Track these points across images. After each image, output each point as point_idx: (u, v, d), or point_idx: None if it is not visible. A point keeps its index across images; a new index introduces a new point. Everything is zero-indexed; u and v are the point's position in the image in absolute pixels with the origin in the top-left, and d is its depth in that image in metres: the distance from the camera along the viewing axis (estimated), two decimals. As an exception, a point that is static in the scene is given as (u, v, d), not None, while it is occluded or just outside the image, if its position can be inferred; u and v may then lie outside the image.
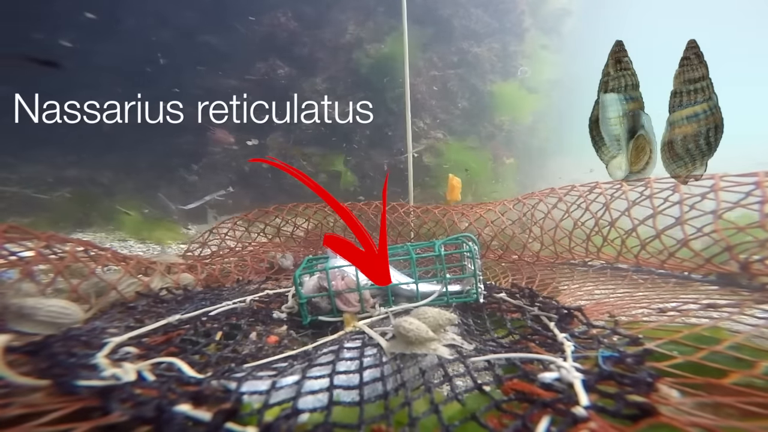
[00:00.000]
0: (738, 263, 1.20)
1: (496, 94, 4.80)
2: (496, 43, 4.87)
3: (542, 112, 5.69)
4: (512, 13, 5.11)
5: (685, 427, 0.46)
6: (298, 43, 4.48)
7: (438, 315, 0.79)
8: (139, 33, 4.53)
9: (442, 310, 0.83)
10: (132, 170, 4.41)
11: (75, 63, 3.81)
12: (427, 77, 4.43)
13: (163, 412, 0.49)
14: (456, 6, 4.70)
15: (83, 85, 3.36)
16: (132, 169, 4.41)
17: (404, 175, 3.05)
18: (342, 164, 4.17)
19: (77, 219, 3.63)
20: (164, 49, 4.42)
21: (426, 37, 4.43)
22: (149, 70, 4.31)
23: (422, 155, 4.20)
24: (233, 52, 4.59)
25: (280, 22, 4.43)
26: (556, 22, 6.34)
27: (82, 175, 4.22)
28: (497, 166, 4.83)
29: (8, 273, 1.07)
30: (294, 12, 4.50)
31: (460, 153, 4.35)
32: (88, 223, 3.63)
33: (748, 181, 1.22)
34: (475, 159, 4.38)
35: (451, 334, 0.79)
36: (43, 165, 4.14)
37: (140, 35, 4.52)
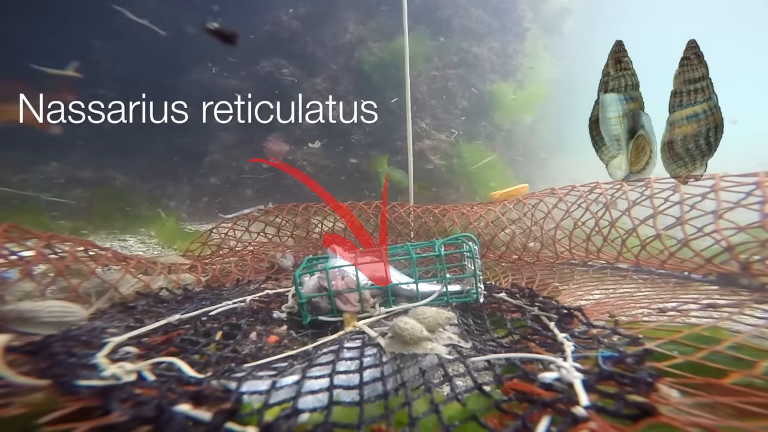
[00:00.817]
0: (738, 263, 1.20)
1: (496, 94, 4.79)
2: (496, 43, 4.86)
3: (542, 112, 5.69)
4: (512, 12, 5.11)
5: (685, 427, 0.46)
6: (300, 42, 4.48)
7: (436, 314, 0.80)
8: (138, 33, 4.53)
9: (440, 309, 0.83)
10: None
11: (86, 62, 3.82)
12: (427, 77, 4.43)
13: (163, 412, 0.49)
14: (456, 6, 4.70)
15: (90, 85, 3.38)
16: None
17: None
18: (386, 164, 4.11)
19: (115, 221, 3.56)
20: (163, 48, 4.42)
21: (426, 37, 4.42)
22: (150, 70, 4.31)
23: (427, 153, 4.18)
24: (235, 52, 4.59)
25: (281, 21, 4.43)
26: (557, 21, 6.34)
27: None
28: (497, 166, 4.82)
29: (9, 272, 1.07)
30: (295, 11, 4.50)
31: (469, 153, 4.35)
32: (123, 228, 3.57)
33: (748, 181, 1.22)
34: (481, 158, 4.37)
35: (448, 333, 0.79)
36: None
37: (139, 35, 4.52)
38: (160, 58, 4.44)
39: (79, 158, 4.32)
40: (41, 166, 4.14)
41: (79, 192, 3.93)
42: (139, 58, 4.52)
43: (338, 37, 4.43)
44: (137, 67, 4.38)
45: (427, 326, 0.76)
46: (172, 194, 4.36)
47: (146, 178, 4.48)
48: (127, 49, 4.58)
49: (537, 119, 5.69)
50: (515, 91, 4.94)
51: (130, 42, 4.49)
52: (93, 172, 4.26)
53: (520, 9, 5.16)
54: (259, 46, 4.49)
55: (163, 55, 4.45)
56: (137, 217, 3.64)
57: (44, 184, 3.90)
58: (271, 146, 4.05)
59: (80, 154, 4.34)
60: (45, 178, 4.02)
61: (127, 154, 4.45)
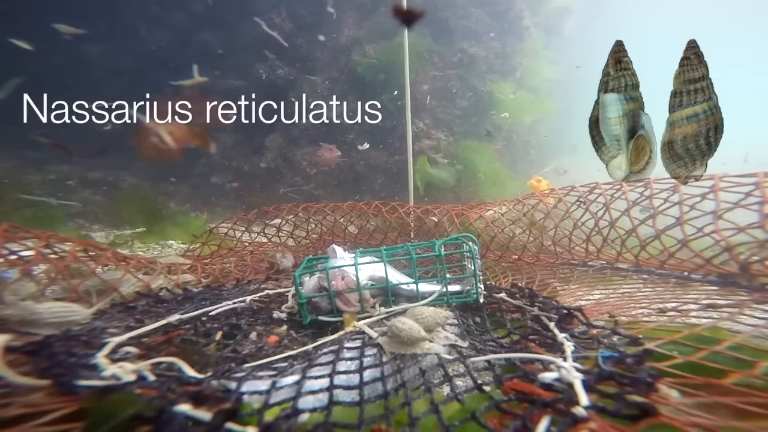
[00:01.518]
0: (738, 264, 1.20)
1: (496, 93, 4.79)
2: (495, 43, 4.86)
3: (542, 112, 5.69)
4: (512, 12, 5.11)
5: (685, 427, 0.46)
6: (297, 43, 4.48)
7: (434, 314, 0.80)
8: (137, 33, 4.54)
9: (438, 308, 0.83)
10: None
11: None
12: (427, 77, 4.43)
13: (163, 412, 0.49)
14: (456, 6, 4.70)
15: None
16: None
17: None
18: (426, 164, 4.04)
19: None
20: (161, 48, 4.42)
21: (426, 37, 4.42)
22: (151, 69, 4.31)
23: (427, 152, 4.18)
24: (232, 53, 4.59)
25: (275, 23, 4.42)
26: (556, 21, 6.34)
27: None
28: (498, 165, 4.82)
29: (8, 272, 1.07)
30: (291, 12, 4.50)
31: (469, 152, 4.34)
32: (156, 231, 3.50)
33: (747, 181, 1.22)
34: (481, 159, 4.37)
35: (445, 333, 0.80)
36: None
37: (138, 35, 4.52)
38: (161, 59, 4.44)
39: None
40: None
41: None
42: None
43: (338, 37, 4.43)
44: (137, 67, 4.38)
45: (425, 326, 0.76)
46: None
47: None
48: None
49: (537, 119, 5.69)
50: (515, 90, 4.94)
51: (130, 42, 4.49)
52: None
53: (519, 9, 5.17)
54: (256, 46, 4.49)
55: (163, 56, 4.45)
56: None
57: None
58: (324, 154, 4.03)
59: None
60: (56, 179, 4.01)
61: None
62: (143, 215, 3.34)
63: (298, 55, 4.46)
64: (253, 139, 4.34)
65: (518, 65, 5.08)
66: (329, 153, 3.99)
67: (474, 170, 4.32)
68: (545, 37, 5.92)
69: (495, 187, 4.40)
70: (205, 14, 4.67)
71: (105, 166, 4.34)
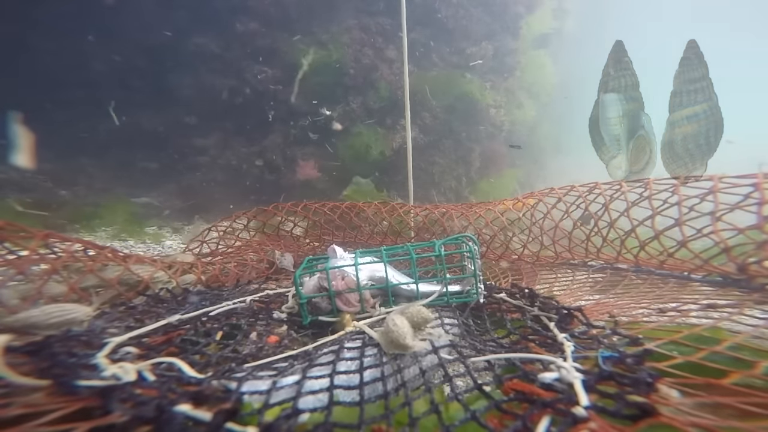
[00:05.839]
0: (735, 264, 1.20)
1: (495, 93, 4.80)
2: (495, 43, 4.87)
3: (542, 112, 5.69)
4: (511, 12, 5.11)
5: (684, 427, 0.46)
6: (295, 42, 4.46)
7: (416, 313, 0.82)
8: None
9: (422, 308, 0.84)
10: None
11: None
12: (426, 77, 4.43)
13: (163, 412, 0.49)
14: (455, 6, 4.70)
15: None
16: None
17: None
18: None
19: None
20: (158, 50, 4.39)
21: (425, 37, 4.42)
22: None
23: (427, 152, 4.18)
24: (226, 53, 4.56)
25: (269, 23, 4.40)
26: (556, 21, 6.34)
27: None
28: (497, 165, 4.83)
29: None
30: (290, 11, 4.48)
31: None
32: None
33: (746, 182, 1.22)
34: (478, 159, 4.37)
35: (428, 329, 0.81)
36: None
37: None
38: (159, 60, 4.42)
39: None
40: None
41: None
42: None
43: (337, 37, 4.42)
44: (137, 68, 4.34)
45: (412, 323, 0.78)
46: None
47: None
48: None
49: (537, 119, 5.70)
50: (515, 90, 4.95)
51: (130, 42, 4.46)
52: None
53: (518, 9, 5.17)
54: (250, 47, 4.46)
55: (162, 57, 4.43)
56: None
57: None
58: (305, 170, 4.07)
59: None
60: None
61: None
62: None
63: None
64: (252, 139, 4.33)
65: (517, 64, 5.09)
66: (310, 170, 4.02)
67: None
68: (545, 37, 5.93)
69: (494, 186, 4.41)
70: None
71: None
